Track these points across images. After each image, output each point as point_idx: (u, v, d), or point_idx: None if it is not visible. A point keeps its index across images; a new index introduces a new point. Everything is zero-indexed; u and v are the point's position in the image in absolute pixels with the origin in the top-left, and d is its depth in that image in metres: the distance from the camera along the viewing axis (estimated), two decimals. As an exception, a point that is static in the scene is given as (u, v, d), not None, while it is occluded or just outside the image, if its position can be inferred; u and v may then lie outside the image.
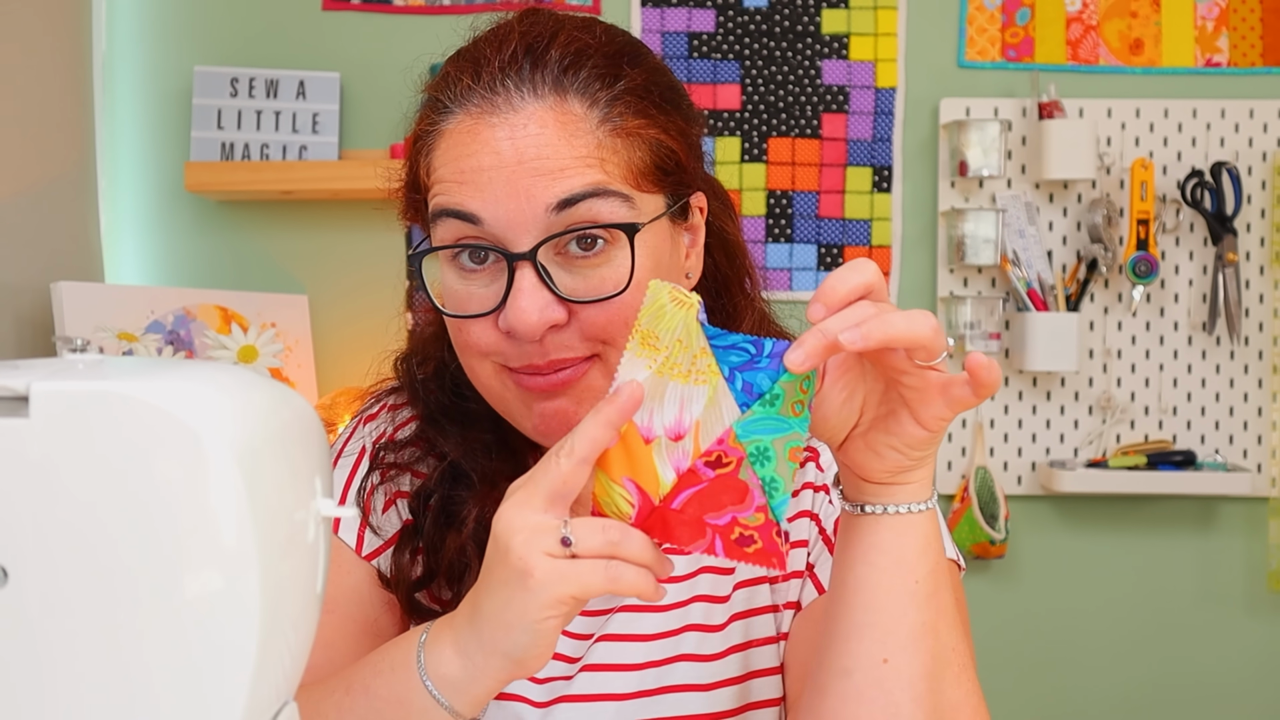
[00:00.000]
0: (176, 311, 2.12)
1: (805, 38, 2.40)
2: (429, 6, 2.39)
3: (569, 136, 0.93)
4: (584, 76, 0.95)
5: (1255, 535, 2.41)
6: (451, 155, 0.95)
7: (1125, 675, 2.43)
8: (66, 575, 0.60)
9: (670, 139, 0.98)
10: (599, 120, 0.94)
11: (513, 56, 0.95)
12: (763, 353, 0.80)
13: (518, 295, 0.92)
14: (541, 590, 0.78)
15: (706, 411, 0.80)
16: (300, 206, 2.38)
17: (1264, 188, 2.38)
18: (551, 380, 0.95)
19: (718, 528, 0.80)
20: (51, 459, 0.59)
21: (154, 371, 0.63)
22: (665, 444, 0.81)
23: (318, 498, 0.70)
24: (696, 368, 0.80)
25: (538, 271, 0.92)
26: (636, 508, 0.81)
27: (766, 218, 2.40)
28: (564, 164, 0.92)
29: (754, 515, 0.80)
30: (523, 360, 0.95)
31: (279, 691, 0.68)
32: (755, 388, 0.79)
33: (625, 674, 1.03)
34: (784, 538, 0.81)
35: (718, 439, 0.80)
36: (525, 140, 0.92)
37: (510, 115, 0.93)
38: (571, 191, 0.92)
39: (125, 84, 2.37)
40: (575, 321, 0.94)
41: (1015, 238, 2.36)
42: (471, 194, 0.93)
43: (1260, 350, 2.39)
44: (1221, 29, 2.40)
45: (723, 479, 0.80)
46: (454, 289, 0.97)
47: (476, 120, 0.94)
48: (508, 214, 0.92)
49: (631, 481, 0.81)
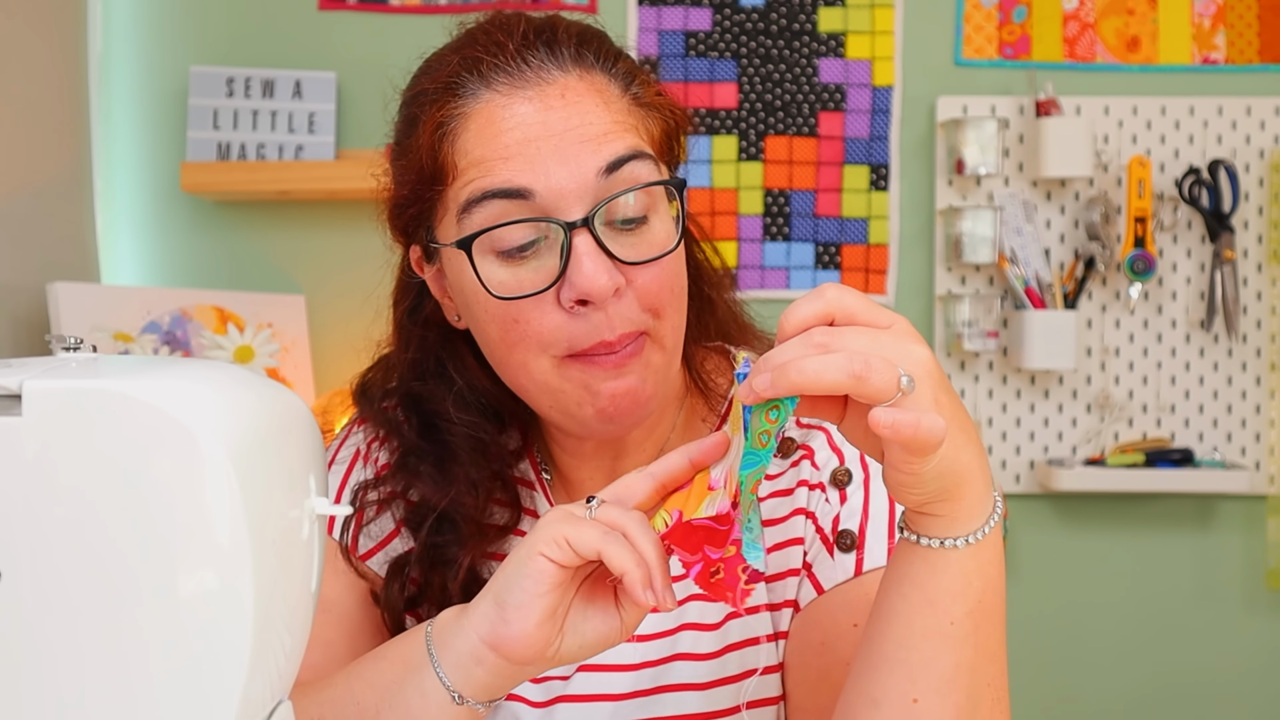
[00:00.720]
0: (173, 312, 2.12)
1: (802, 36, 2.40)
2: (425, 6, 2.39)
3: (604, 103, 0.94)
4: (598, 52, 0.97)
5: (1253, 533, 2.41)
6: (488, 134, 0.93)
7: (1124, 673, 2.42)
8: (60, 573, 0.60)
9: (675, 113, 1.00)
10: (622, 89, 0.96)
11: (524, 37, 0.95)
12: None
13: (581, 261, 0.91)
14: (543, 528, 0.81)
15: (735, 457, 0.81)
16: (297, 207, 2.37)
17: (1261, 185, 2.38)
18: (621, 355, 0.94)
19: (704, 559, 0.81)
20: (44, 457, 0.58)
21: (148, 370, 0.63)
22: (719, 493, 0.81)
23: (312, 496, 0.70)
24: (736, 414, 0.81)
25: (595, 237, 0.92)
26: (669, 527, 0.82)
27: (764, 216, 2.40)
28: (606, 128, 0.93)
29: (727, 548, 0.80)
30: (594, 338, 0.93)
31: (274, 689, 0.68)
32: (746, 423, 0.79)
33: (622, 674, 1.03)
34: (749, 575, 0.79)
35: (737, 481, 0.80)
36: (566, 109, 0.93)
37: (544, 87, 0.93)
38: (617, 154, 0.92)
39: (121, 84, 2.37)
40: (629, 293, 0.94)
41: (1013, 236, 2.35)
42: (521, 168, 0.92)
43: (1258, 348, 2.39)
44: (1218, 26, 2.40)
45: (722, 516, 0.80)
46: (498, 280, 0.94)
47: (509, 96, 0.93)
48: (560, 183, 0.91)
49: (679, 513, 0.82)
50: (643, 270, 0.93)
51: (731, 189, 2.40)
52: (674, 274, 0.96)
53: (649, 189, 0.94)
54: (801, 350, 0.74)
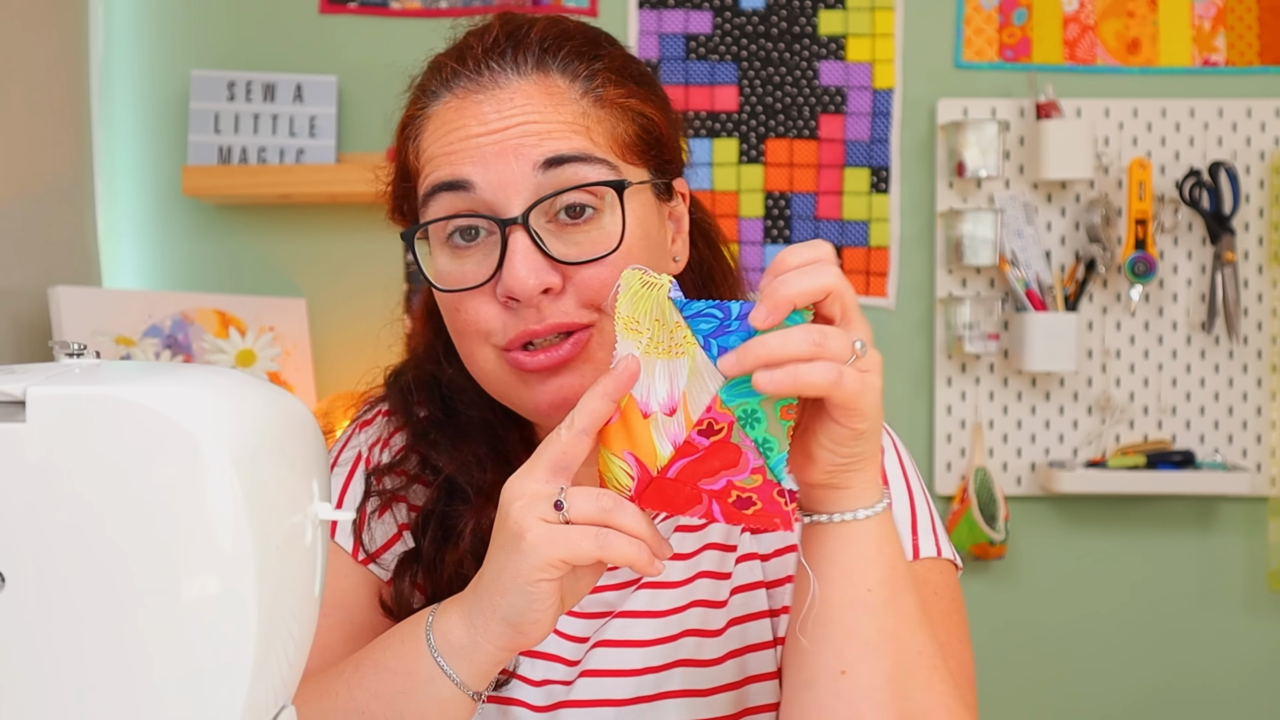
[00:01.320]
0: (174, 316, 2.12)
1: (802, 39, 2.40)
2: (426, 9, 2.39)
3: (554, 105, 0.96)
4: (564, 54, 0.99)
5: (1255, 534, 2.41)
6: (440, 132, 0.98)
7: (1126, 675, 2.42)
8: (64, 579, 0.60)
9: (652, 109, 1.01)
10: (581, 92, 0.98)
11: (495, 41, 0.99)
12: (731, 315, 0.81)
13: (512, 258, 0.93)
14: (532, 552, 0.82)
15: (690, 382, 0.82)
16: (298, 210, 2.38)
17: (1262, 187, 2.38)
18: (553, 357, 0.95)
19: (713, 493, 0.82)
20: (48, 463, 0.59)
21: (151, 375, 0.63)
22: (661, 419, 0.83)
23: (315, 501, 0.70)
24: (675, 341, 0.82)
25: (530, 235, 0.94)
26: (636, 479, 0.83)
27: (764, 219, 2.40)
28: (550, 127, 0.95)
29: (750, 478, 0.81)
30: (520, 327, 0.95)
31: (277, 694, 0.68)
32: (729, 350, 0.81)
33: (624, 679, 1.03)
34: (788, 497, 0.81)
35: (706, 407, 0.82)
36: (512, 110, 0.95)
37: (496, 91, 0.96)
38: (559, 151, 0.94)
39: (122, 88, 2.37)
40: (570, 286, 0.95)
41: (1013, 238, 2.36)
42: (461, 161, 0.95)
43: (1259, 349, 2.39)
44: (1219, 28, 2.40)
45: (716, 445, 0.82)
46: (448, 271, 0.98)
47: (464, 99, 0.97)
48: (498, 175, 0.94)
49: (631, 455, 0.84)
50: (582, 268, 0.95)
51: (732, 192, 2.40)
52: (625, 264, 0.95)
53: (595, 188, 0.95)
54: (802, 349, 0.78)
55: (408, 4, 2.39)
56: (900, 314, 2.41)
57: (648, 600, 1.05)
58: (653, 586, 1.05)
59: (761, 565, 1.05)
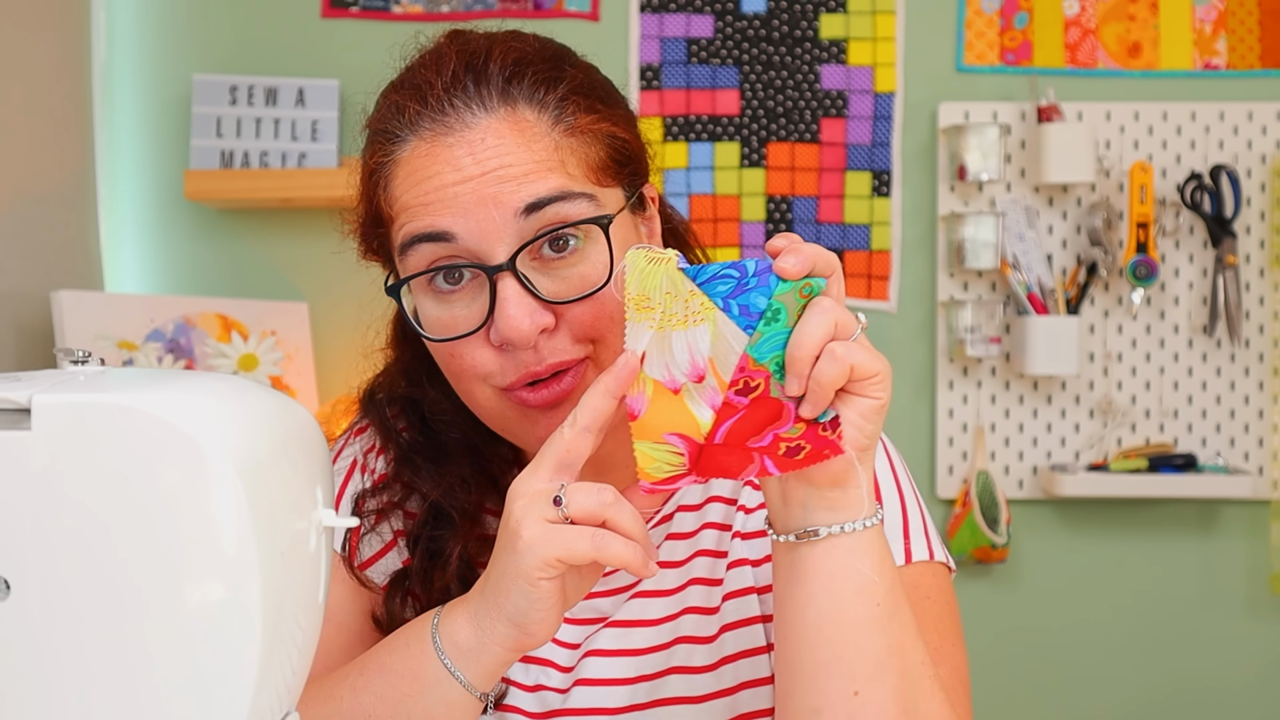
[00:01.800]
0: (176, 320, 2.12)
1: (804, 43, 2.41)
2: (428, 14, 2.39)
3: (526, 143, 0.94)
4: (528, 83, 0.96)
5: (1257, 538, 2.41)
6: (412, 180, 0.95)
7: (1128, 679, 2.42)
8: (69, 586, 0.60)
9: (621, 130, 0.99)
10: (551, 123, 0.95)
11: (454, 76, 0.96)
12: (748, 274, 0.82)
13: (504, 305, 0.92)
14: (529, 552, 0.82)
15: (715, 345, 0.82)
16: (300, 214, 2.38)
17: (1263, 190, 2.38)
18: (554, 391, 0.95)
19: (763, 449, 0.83)
20: (53, 471, 0.59)
21: (155, 383, 0.63)
22: (692, 388, 0.83)
23: (319, 507, 0.70)
24: (690, 310, 0.83)
25: (519, 279, 0.92)
26: (685, 454, 0.84)
27: (766, 223, 2.40)
28: (526, 169, 0.93)
29: (794, 426, 0.82)
30: (520, 371, 0.94)
31: (281, 700, 0.68)
32: (752, 308, 0.82)
33: (618, 688, 1.03)
34: (831, 427, 0.82)
35: (738, 367, 0.82)
36: (485, 153, 0.93)
37: (465, 133, 0.94)
38: (538, 195, 0.92)
39: (124, 92, 2.37)
40: (563, 324, 0.94)
41: (1015, 241, 2.36)
42: (440, 212, 0.93)
43: (1261, 353, 2.39)
44: (1220, 31, 2.40)
45: (756, 403, 0.82)
46: (435, 316, 0.96)
47: (432, 143, 0.94)
48: (480, 225, 0.92)
49: (673, 434, 0.84)
50: (574, 305, 0.94)
51: (734, 195, 2.40)
52: (612, 300, 0.95)
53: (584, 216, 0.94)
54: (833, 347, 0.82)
55: (410, 8, 2.40)
56: (902, 317, 2.41)
57: (640, 609, 1.05)
58: (645, 595, 1.05)
59: (753, 571, 1.05)
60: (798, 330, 0.81)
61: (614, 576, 1.06)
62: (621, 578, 1.06)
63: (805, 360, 0.81)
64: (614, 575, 1.06)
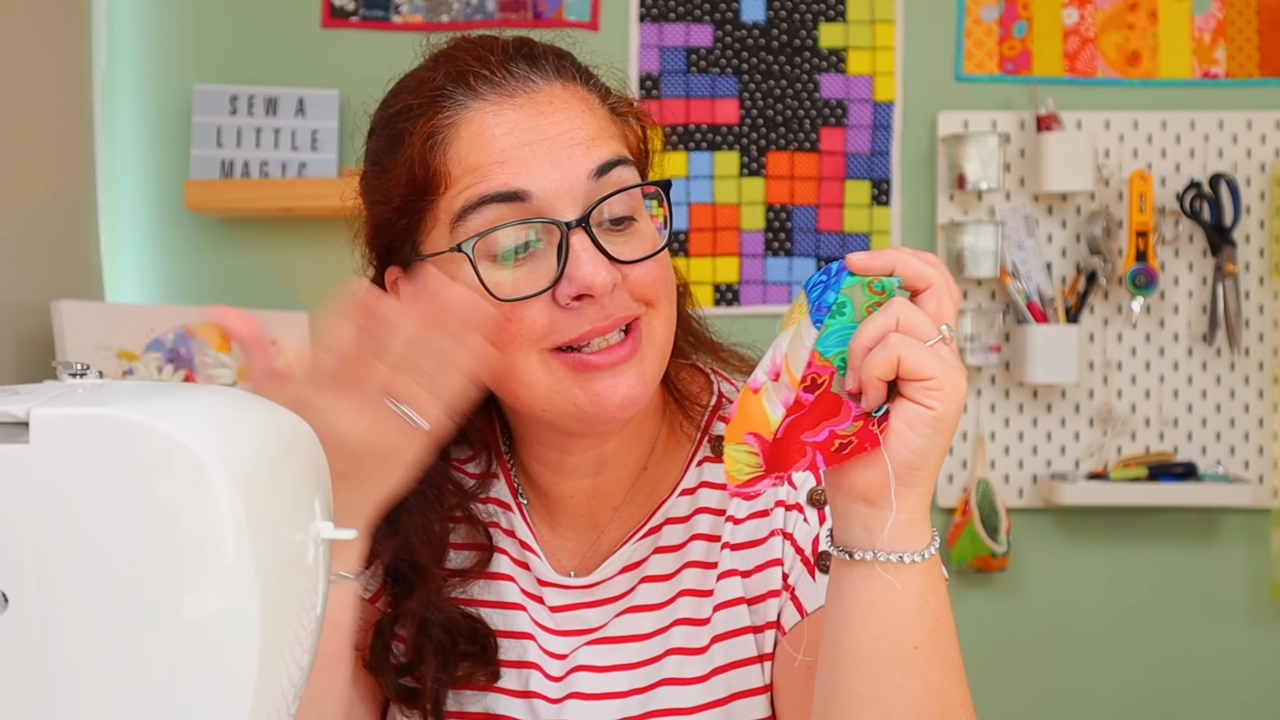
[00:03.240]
0: (177, 330, 2.13)
1: (803, 52, 2.41)
2: (428, 23, 2.40)
3: (588, 111, 0.98)
4: (572, 66, 1.01)
5: (1257, 546, 2.41)
6: (481, 140, 0.96)
7: (1128, 687, 2.42)
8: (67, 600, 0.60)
9: (645, 127, 1.05)
10: (600, 102, 1.00)
11: (505, 53, 0.99)
12: (831, 273, 0.82)
13: (581, 258, 0.93)
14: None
15: (791, 343, 0.83)
16: (300, 224, 2.38)
17: (1262, 199, 2.39)
18: (619, 354, 0.96)
19: (817, 444, 0.82)
20: (51, 484, 0.59)
21: (154, 396, 0.63)
22: (770, 387, 0.83)
23: (318, 520, 0.70)
24: (793, 315, 0.84)
25: (592, 237, 0.94)
26: (760, 454, 0.83)
27: (765, 232, 2.40)
28: (593, 133, 0.97)
29: (851, 424, 0.81)
30: (584, 327, 0.95)
31: (280, 714, 0.68)
32: (824, 303, 0.82)
33: (610, 702, 1.03)
34: (877, 422, 0.81)
35: (807, 363, 0.82)
36: (554, 114, 0.96)
37: (533, 94, 0.97)
38: (606, 158, 0.96)
39: (125, 102, 2.37)
40: (620, 290, 0.96)
41: (1014, 250, 2.36)
42: (518, 170, 0.94)
43: (1261, 361, 2.39)
44: (1218, 40, 2.41)
45: (820, 399, 0.82)
46: (494, 281, 0.95)
47: (498, 104, 0.96)
48: (555, 184, 0.94)
49: (750, 434, 0.83)
50: (635, 267, 0.96)
51: (733, 204, 2.40)
52: (665, 270, 1.00)
53: (634, 191, 0.98)
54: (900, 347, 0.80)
55: (410, 18, 2.40)
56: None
57: (630, 624, 1.05)
58: (635, 610, 1.05)
59: (742, 581, 1.05)
60: (862, 324, 0.80)
61: (599, 588, 1.07)
62: (607, 589, 1.07)
63: (860, 352, 0.79)
64: (599, 587, 1.06)
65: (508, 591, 1.07)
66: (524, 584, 1.08)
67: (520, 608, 1.07)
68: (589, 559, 1.08)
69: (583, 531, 1.09)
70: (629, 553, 1.07)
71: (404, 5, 2.40)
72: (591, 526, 1.09)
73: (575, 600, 1.07)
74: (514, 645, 1.06)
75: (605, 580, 1.07)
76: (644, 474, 1.09)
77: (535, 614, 1.07)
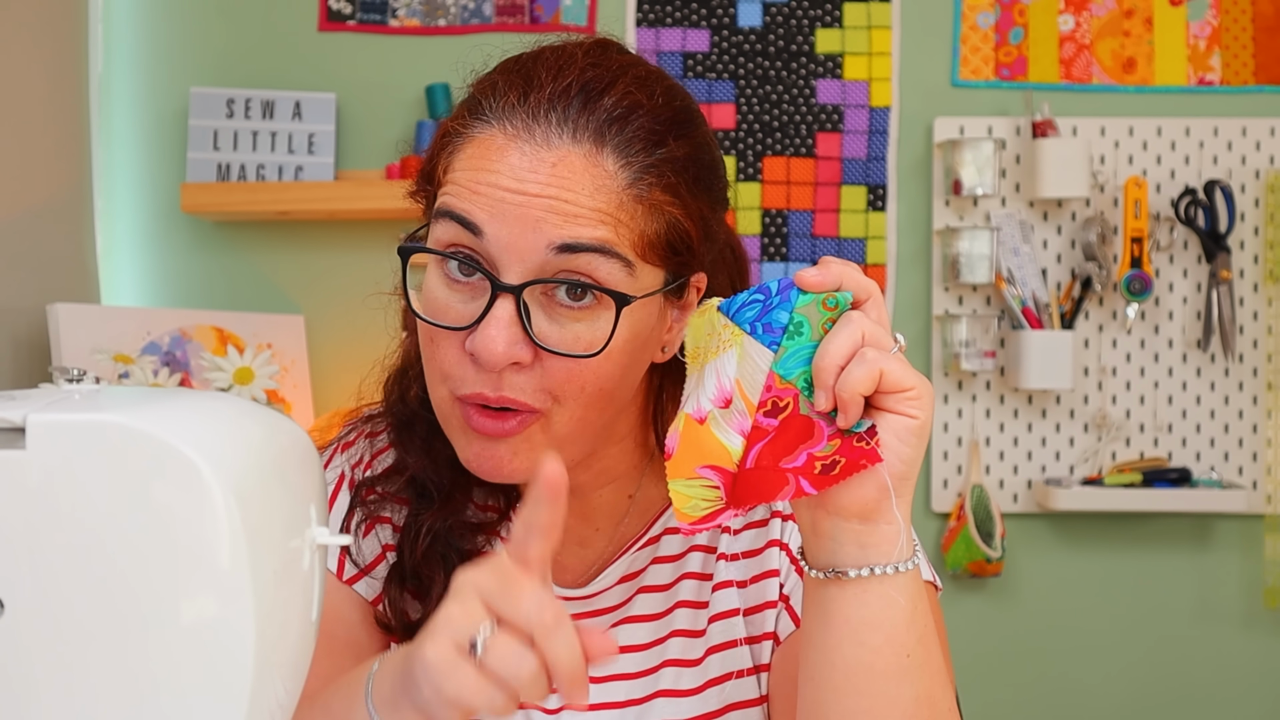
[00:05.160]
0: (172, 333, 2.13)
1: (799, 57, 2.41)
2: (425, 27, 2.40)
3: (592, 189, 0.91)
4: (628, 135, 0.92)
5: (1251, 552, 2.41)
6: (474, 164, 0.93)
7: (1122, 692, 2.42)
8: (63, 605, 0.60)
9: (689, 222, 0.95)
10: (627, 184, 0.91)
11: (565, 90, 0.93)
12: (771, 293, 0.81)
13: (490, 323, 0.90)
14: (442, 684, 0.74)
15: (740, 367, 0.81)
16: (296, 227, 2.38)
17: (1257, 205, 2.39)
18: (499, 428, 0.93)
19: (797, 469, 0.79)
20: (48, 490, 0.59)
21: (150, 402, 0.64)
22: (718, 415, 0.81)
23: (313, 526, 0.71)
24: (722, 339, 0.82)
25: (518, 307, 0.90)
26: (721, 486, 0.81)
27: (761, 236, 2.41)
28: (580, 211, 0.90)
29: (828, 444, 0.79)
30: (473, 388, 0.92)
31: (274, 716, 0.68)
32: (775, 324, 0.80)
33: (607, 713, 1.03)
34: (866, 437, 0.79)
35: (765, 387, 0.81)
36: (550, 178, 0.90)
37: (543, 150, 0.91)
38: (578, 239, 0.89)
39: (122, 105, 2.38)
40: (538, 367, 0.92)
41: (1010, 256, 2.36)
42: (482, 206, 0.91)
43: (1255, 367, 2.40)
44: (1214, 48, 2.41)
45: (787, 422, 0.80)
46: (436, 295, 0.95)
47: (509, 140, 0.92)
48: (510, 237, 0.90)
49: (705, 467, 0.81)
50: (553, 357, 0.91)
51: (729, 210, 2.40)
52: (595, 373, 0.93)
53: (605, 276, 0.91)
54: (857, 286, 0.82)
55: (406, 22, 2.40)
56: (897, 331, 2.41)
57: (628, 635, 1.05)
58: (632, 620, 1.05)
59: (739, 593, 1.05)
60: (824, 341, 0.79)
61: (597, 599, 1.07)
62: (605, 600, 1.07)
63: (830, 370, 0.78)
64: (598, 597, 1.06)
65: None
66: None
67: None
68: (587, 570, 1.08)
69: (571, 548, 1.09)
70: (628, 563, 1.07)
71: (401, 9, 2.40)
72: (580, 543, 1.09)
73: (574, 611, 1.07)
74: None
75: (604, 590, 1.07)
76: (630, 501, 1.09)
77: None
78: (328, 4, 2.40)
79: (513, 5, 2.40)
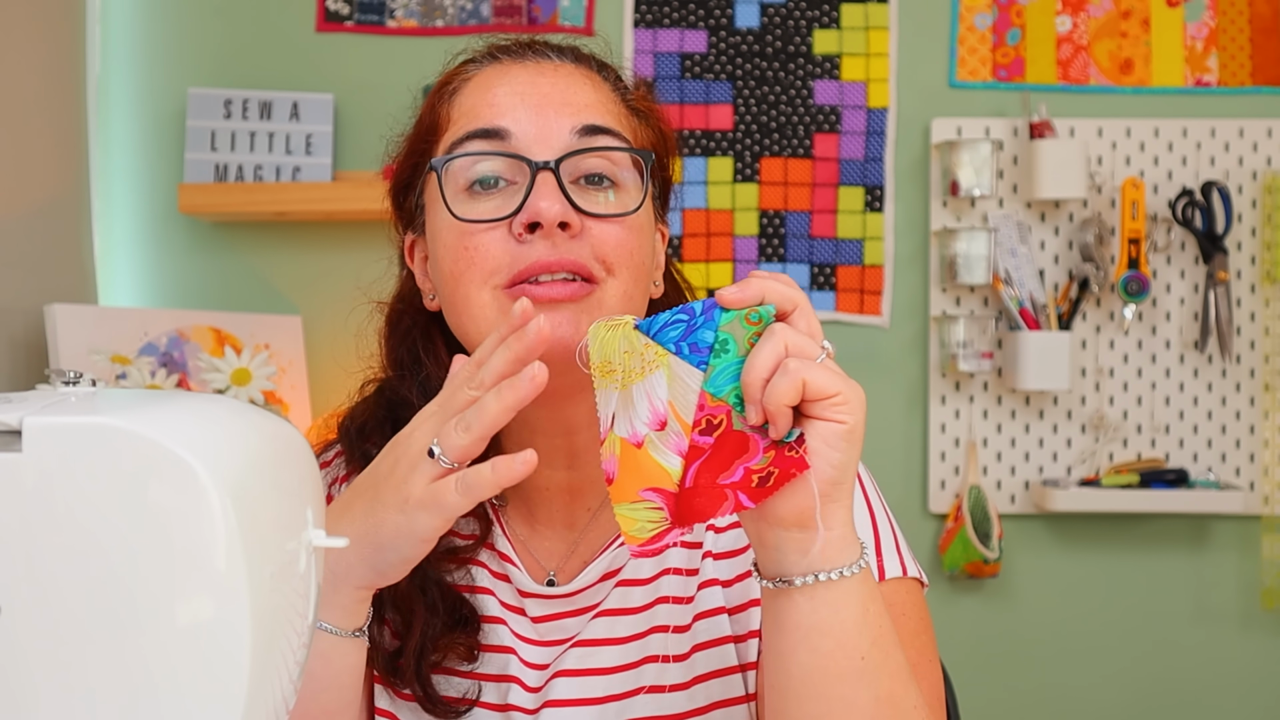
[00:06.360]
0: (170, 333, 2.12)
1: (797, 58, 2.41)
2: (422, 28, 2.40)
3: (594, 88, 1.03)
4: (598, 62, 1.07)
5: (1248, 553, 2.42)
6: (483, 88, 1.02)
7: (1119, 693, 2.43)
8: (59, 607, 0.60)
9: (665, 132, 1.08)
10: (613, 93, 1.05)
11: (534, 41, 1.05)
12: (695, 314, 0.83)
13: (540, 191, 0.96)
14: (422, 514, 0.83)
15: (671, 388, 0.83)
16: (294, 228, 2.38)
17: (1254, 206, 2.40)
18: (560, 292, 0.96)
19: (735, 484, 0.82)
20: (44, 492, 0.59)
21: (147, 404, 0.64)
22: (654, 438, 0.83)
23: (309, 528, 0.71)
24: (646, 361, 0.83)
25: (558, 180, 0.97)
26: (665, 508, 0.83)
27: (759, 238, 2.41)
28: (590, 102, 1.01)
29: (764, 457, 0.81)
30: (531, 260, 0.96)
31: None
32: (701, 344, 0.82)
33: (587, 708, 1.03)
34: (797, 447, 0.80)
35: (698, 406, 0.82)
36: (558, 79, 1.01)
37: (542, 62, 1.03)
38: (595, 121, 1.00)
39: (119, 106, 2.37)
40: (586, 236, 0.97)
41: (1007, 257, 2.36)
42: (503, 112, 0.99)
43: (1252, 368, 2.40)
44: (1211, 49, 2.41)
45: (721, 439, 0.82)
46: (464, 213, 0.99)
47: (508, 65, 1.03)
48: (536, 128, 0.98)
49: (648, 490, 0.83)
50: (597, 221, 0.98)
51: (727, 210, 2.41)
52: (635, 241, 0.99)
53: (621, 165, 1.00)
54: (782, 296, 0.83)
55: (404, 23, 2.40)
56: (894, 332, 2.42)
57: (606, 628, 1.05)
58: (611, 613, 1.05)
59: (723, 591, 1.05)
60: (750, 356, 0.81)
61: (579, 596, 1.06)
62: (587, 598, 1.06)
63: (757, 384, 0.80)
64: (580, 595, 1.06)
65: (487, 605, 1.07)
66: (504, 597, 1.07)
67: (500, 621, 1.06)
68: (569, 565, 1.08)
69: (561, 531, 1.09)
70: (609, 559, 1.07)
71: (398, 10, 2.40)
72: (569, 525, 1.09)
73: (557, 610, 1.07)
74: (494, 659, 1.05)
75: (586, 588, 1.07)
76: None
77: (516, 626, 1.06)
78: (325, 5, 2.40)
79: (510, 6, 2.40)
